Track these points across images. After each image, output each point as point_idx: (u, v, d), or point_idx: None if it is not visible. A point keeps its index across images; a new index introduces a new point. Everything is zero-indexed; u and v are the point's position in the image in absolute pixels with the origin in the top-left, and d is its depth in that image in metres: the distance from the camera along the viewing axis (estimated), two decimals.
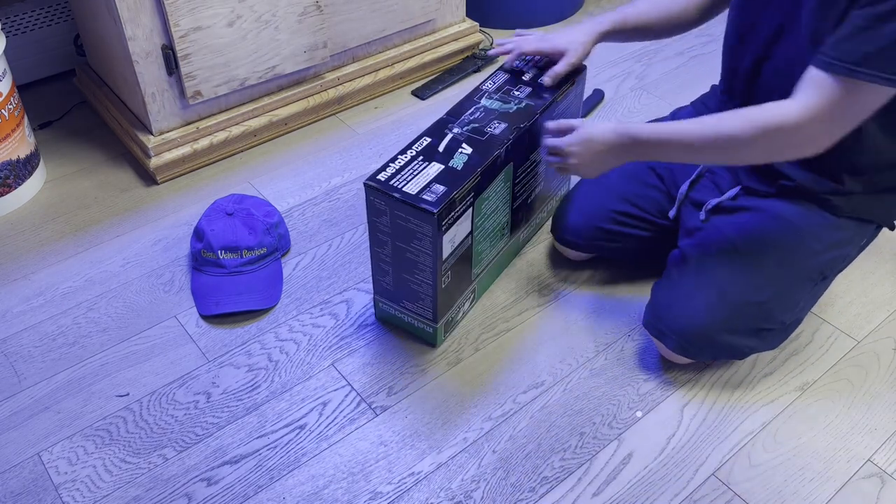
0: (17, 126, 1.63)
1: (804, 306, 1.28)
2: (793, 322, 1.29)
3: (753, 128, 1.08)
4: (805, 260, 1.23)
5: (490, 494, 1.16)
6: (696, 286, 1.25)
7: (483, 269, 1.41)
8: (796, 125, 1.05)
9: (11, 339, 1.39)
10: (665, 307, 1.28)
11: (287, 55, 1.74)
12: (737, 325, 1.23)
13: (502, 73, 1.44)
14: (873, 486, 1.17)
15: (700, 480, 1.18)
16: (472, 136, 1.29)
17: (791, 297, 1.24)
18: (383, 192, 1.20)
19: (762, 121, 1.08)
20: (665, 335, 1.27)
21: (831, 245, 1.24)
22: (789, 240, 1.23)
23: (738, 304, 1.22)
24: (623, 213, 1.40)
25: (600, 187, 1.42)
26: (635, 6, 1.38)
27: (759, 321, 1.24)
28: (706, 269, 1.25)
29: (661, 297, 1.30)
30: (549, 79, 1.38)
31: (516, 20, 2.26)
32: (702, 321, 1.23)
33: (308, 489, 1.17)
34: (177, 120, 1.70)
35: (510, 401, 1.29)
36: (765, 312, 1.23)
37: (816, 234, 1.23)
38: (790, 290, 1.24)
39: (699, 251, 1.28)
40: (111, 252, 1.57)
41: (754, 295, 1.22)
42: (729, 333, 1.23)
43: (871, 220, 1.26)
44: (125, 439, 1.24)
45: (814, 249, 1.23)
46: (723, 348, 1.25)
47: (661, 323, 1.28)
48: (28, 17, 1.90)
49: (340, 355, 1.36)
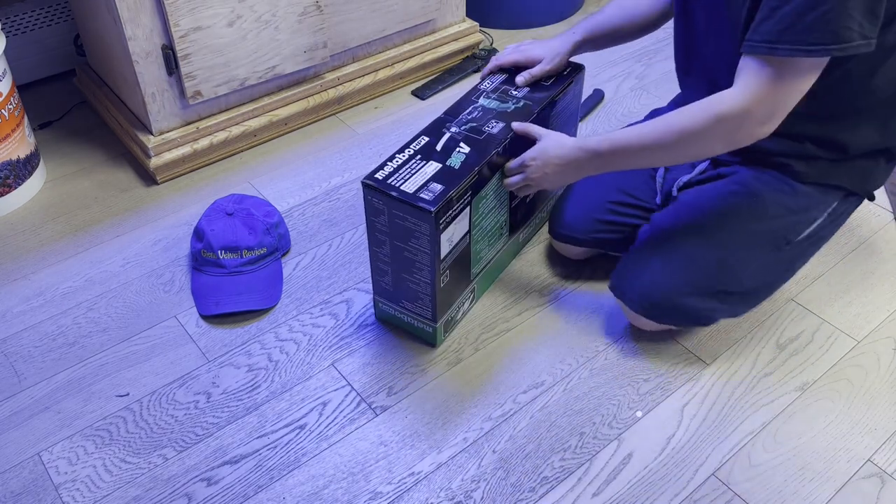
0: (17, 126, 1.63)
1: (771, 273, 1.30)
2: (758, 289, 1.30)
3: (703, 119, 1.12)
4: (763, 222, 1.26)
5: (490, 494, 1.16)
6: (657, 249, 1.30)
7: (482, 268, 1.41)
8: (741, 110, 1.09)
9: (11, 339, 1.40)
10: (628, 269, 1.33)
11: (287, 55, 1.74)
12: (696, 285, 1.26)
13: (500, 74, 1.44)
14: (873, 486, 1.17)
15: (700, 480, 1.18)
16: (470, 136, 1.29)
17: (752, 259, 1.27)
18: (381, 190, 1.20)
19: (707, 112, 1.12)
20: (628, 296, 1.32)
21: (791, 210, 1.26)
22: (748, 203, 1.26)
23: (697, 264, 1.26)
24: (619, 203, 1.42)
25: (594, 181, 1.43)
26: (603, 12, 1.43)
27: (719, 282, 1.27)
28: (668, 233, 1.30)
29: (626, 259, 1.35)
30: (521, 79, 1.41)
31: (516, 20, 2.26)
32: (662, 281, 1.27)
33: (308, 489, 1.17)
34: (177, 120, 1.70)
35: (510, 401, 1.29)
36: (724, 273, 1.26)
37: (775, 198, 1.25)
38: (749, 252, 1.27)
39: (664, 219, 1.33)
40: (111, 252, 1.57)
41: (712, 254, 1.26)
42: (689, 295, 1.27)
43: (838, 187, 1.28)
44: (125, 439, 1.24)
45: (772, 213, 1.26)
46: (685, 311, 1.28)
47: (624, 284, 1.32)
48: (28, 17, 1.90)
49: (340, 355, 1.36)
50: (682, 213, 1.31)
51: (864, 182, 1.29)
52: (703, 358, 1.35)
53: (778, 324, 1.41)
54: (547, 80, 1.42)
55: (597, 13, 1.43)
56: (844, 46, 1.02)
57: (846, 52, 1.03)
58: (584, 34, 1.42)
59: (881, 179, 1.31)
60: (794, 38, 1.03)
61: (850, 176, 1.27)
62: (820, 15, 1.00)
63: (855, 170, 1.27)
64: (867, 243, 1.56)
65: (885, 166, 1.29)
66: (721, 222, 1.27)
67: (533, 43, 1.46)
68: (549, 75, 1.43)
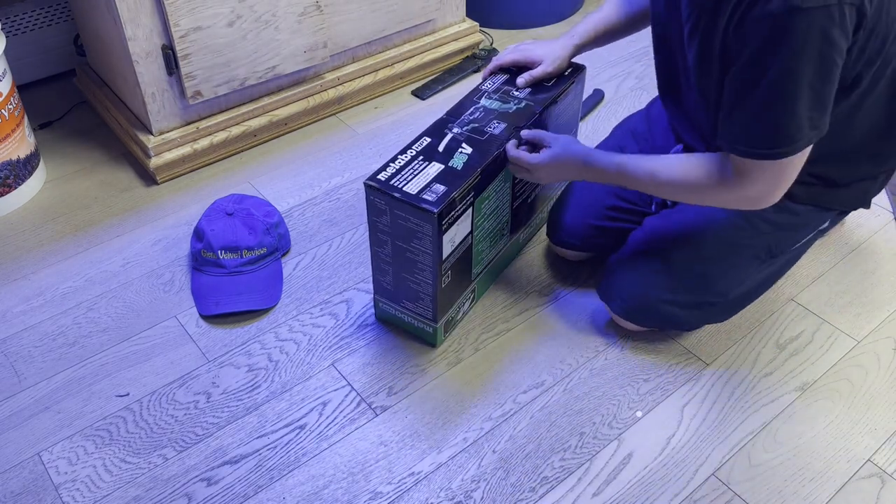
0: (17, 126, 1.63)
1: (753, 283, 1.31)
2: (741, 297, 1.31)
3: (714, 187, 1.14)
4: (751, 238, 1.27)
5: (490, 494, 1.16)
6: (644, 254, 1.31)
7: (483, 268, 1.41)
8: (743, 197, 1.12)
9: (11, 339, 1.39)
10: (613, 272, 1.34)
11: (287, 55, 1.74)
12: (679, 294, 1.28)
13: (501, 74, 1.44)
14: (873, 486, 1.17)
15: (700, 480, 1.18)
16: (472, 136, 1.29)
17: (734, 271, 1.28)
18: (384, 191, 1.20)
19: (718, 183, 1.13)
20: (611, 299, 1.34)
21: (780, 226, 1.27)
22: (738, 217, 1.26)
23: (680, 273, 1.27)
24: (614, 209, 1.42)
25: (590, 187, 1.44)
26: (600, 11, 1.43)
27: (700, 292, 1.28)
28: (656, 240, 1.32)
29: (612, 262, 1.36)
30: (522, 80, 1.41)
31: (516, 20, 2.26)
32: (645, 287, 1.29)
33: (308, 489, 1.17)
34: (177, 120, 1.70)
35: (510, 401, 1.29)
36: (706, 284, 1.27)
37: (765, 215, 1.25)
38: (734, 264, 1.27)
39: (655, 224, 1.34)
40: (111, 252, 1.57)
41: (697, 265, 1.27)
42: (671, 303, 1.28)
43: (829, 208, 1.29)
44: (125, 439, 1.24)
45: (761, 229, 1.27)
46: (666, 317, 1.30)
47: (608, 287, 1.34)
48: (28, 17, 1.90)
49: (340, 355, 1.36)
50: (673, 221, 1.32)
51: (859, 202, 1.31)
52: (703, 358, 1.35)
53: (778, 324, 1.41)
54: (548, 80, 1.42)
55: (595, 13, 1.43)
56: (797, 145, 1.04)
57: (799, 148, 1.05)
58: (584, 37, 1.42)
59: (876, 193, 1.32)
60: (751, 143, 1.06)
61: (845, 199, 1.29)
62: (771, 123, 1.03)
63: (850, 192, 1.28)
64: (867, 243, 1.56)
65: (881, 182, 1.30)
66: (709, 234, 1.28)
67: (534, 43, 1.46)
68: (550, 77, 1.42)
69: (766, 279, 1.33)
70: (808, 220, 1.28)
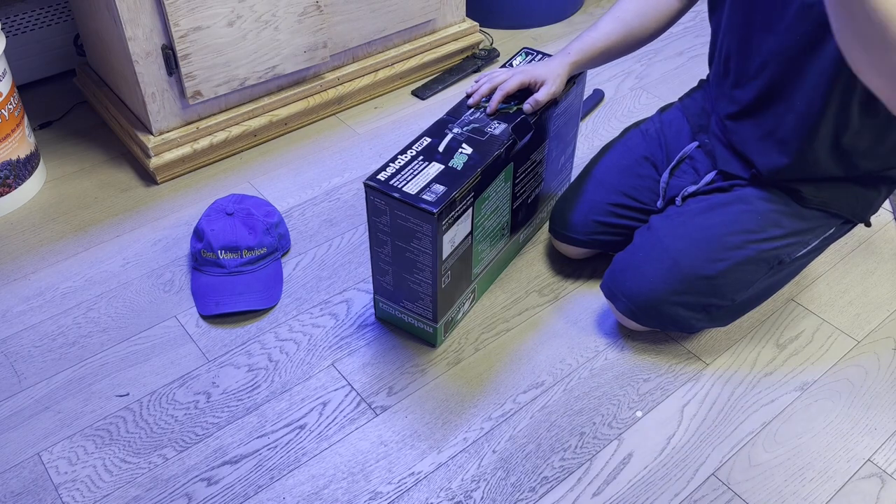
0: (17, 126, 1.63)
1: (760, 289, 1.30)
2: (746, 302, 1.31)
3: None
4: (762, 243, 1.26)
5: (490, 494, 1.16)
6: (652, 254, 1.30)
7: (483, 269, 1.41)
8: None
9: (11, 339, 1.39)
10: (620, 270, 1.33)
11: (287, 55, 1.74)
12: (685, 296, 1.27)
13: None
14: (873, 486, 1.17)
15: (700, 480, 1.18)
16: (473, 137, 1.29)
17: (743, 276, 1.27)
18: (383, 191, 1.20)
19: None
20: (617, 298, 1.32)
21: (791, 233, 1.27)
22: (749, 221, 1.26)
23: (688, 275, 1.26)
24: (619, 206, 1.42)
25: (596, 183, 1.44)
26: (597, 28, 1.36)
27: (708, 296, 1.27)
28: (665, 239, 1.30)
29: (619, 260, 1.34)
30: (529, 106, 1.34)
31: (516, 20, 2.26)
32: (652, 288, 1.28)
33: (308, 489, 1.17)
34: (177, 120, 1.70)
35: (510, 401, 1.29)
36: (714, 288, 1.26)
37: (777, 219, 1.25)
38: (743, 270, 1.26)
39: (663, 223, 1.32)
40: (111, 252, 1.57)
41: (706, 269, 1.26)
42: (677, 304, 1.27)
43: (838, 215, 1.29)
44: (125, 439, 1.24)
45: (772, 234, 1.26)
46: (671, 318, 1.29)
47: (614, 285, 1.33)
48: (28, 17, 1.90)
49: (340, 355, 1.36)
50: (680, 220, 1.31)
51: (864, 211, 1.31)
52: (703, 358, 1.35)
53: (778, 324, 1.41)
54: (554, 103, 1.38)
55: (590, 29, 1.37)
56: None
57: None
58: (579, 55, 1.35)
59: (878, 207, 1.32)
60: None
61: (851, 205, 1.28)
62: None
63: (857, 197, 1.28)
64: (867, 243, 1.56)
65: (884, 194, 1.30)
66: (719, 237, 1.26)
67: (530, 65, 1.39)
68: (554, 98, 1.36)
69: (772, 285, 1.32)
70: (817, 224, 1.28)
